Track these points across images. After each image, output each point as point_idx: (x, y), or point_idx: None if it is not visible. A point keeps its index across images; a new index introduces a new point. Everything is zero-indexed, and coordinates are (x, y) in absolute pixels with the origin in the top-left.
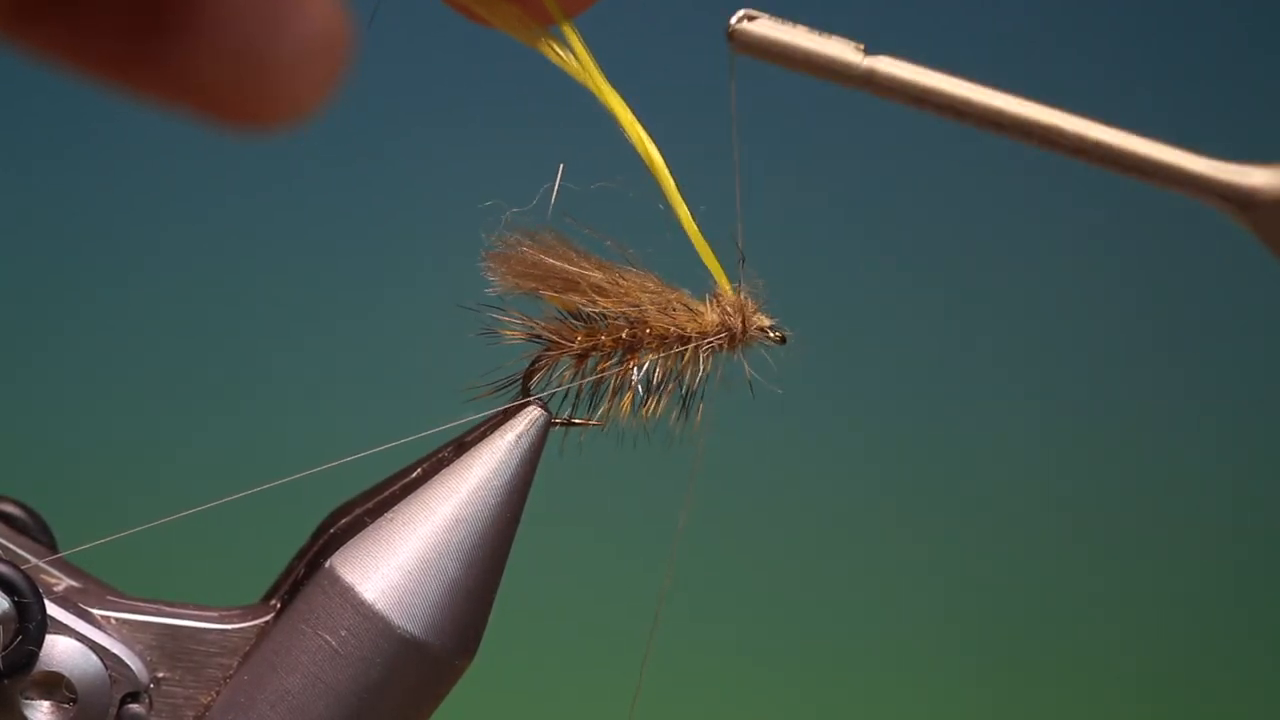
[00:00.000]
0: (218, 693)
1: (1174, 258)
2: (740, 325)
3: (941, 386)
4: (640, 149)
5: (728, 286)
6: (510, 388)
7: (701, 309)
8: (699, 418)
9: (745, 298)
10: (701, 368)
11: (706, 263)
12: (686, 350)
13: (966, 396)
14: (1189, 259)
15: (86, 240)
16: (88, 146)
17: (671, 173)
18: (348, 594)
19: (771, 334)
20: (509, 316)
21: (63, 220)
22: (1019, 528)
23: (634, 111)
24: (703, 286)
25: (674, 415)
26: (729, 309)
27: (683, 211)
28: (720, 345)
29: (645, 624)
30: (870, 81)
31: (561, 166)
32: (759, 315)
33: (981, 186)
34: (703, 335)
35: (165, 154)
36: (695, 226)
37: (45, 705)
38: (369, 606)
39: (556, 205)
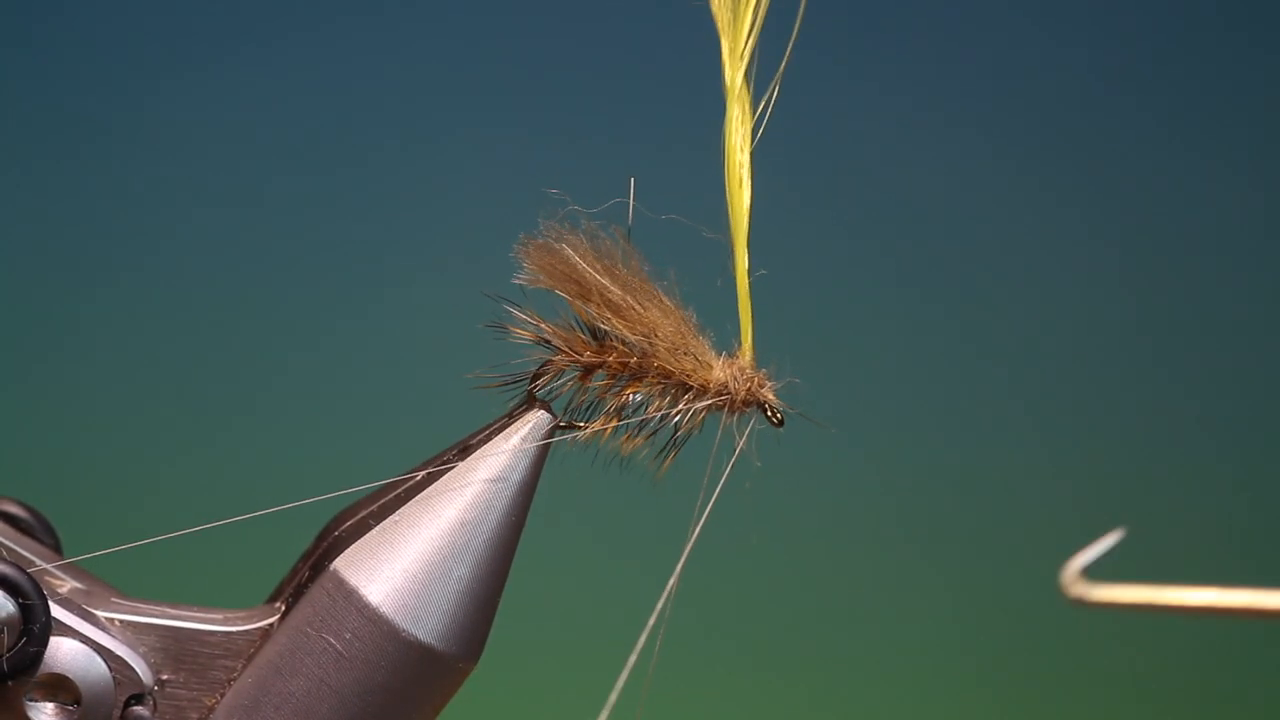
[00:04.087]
0: (221, 695)
1: (1181, 272)
2: (743, 393)
3: (945, 393)
4: (731, 183)
5: (748, 352)
6: (514, 387)
7: (712, 363)
8: (666, 465)
9: (761, 371)
10: (692, 420)
11: (742, 322)
12: (681, 400)
13: (969, 402)
14: (1198, 274)
15: (96, 236)
16: (94, 144)
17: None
18: (352, 597)
19: (771, 414)
20: (523, 315)
21: (72, 218)
22: (1024, 541)
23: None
24: (727, 345)
25: (650, 454)
26: (738, 373)
27: (742, 264)
28: (718, 406)
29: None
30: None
31: (633, 180)
32: (766, 390)
33: (985, 200)
34: (703, 389)
35: (180, 149)
36: (747, 284)
37: (49, 707)
38: (373, 609)
39: (621, 218)
